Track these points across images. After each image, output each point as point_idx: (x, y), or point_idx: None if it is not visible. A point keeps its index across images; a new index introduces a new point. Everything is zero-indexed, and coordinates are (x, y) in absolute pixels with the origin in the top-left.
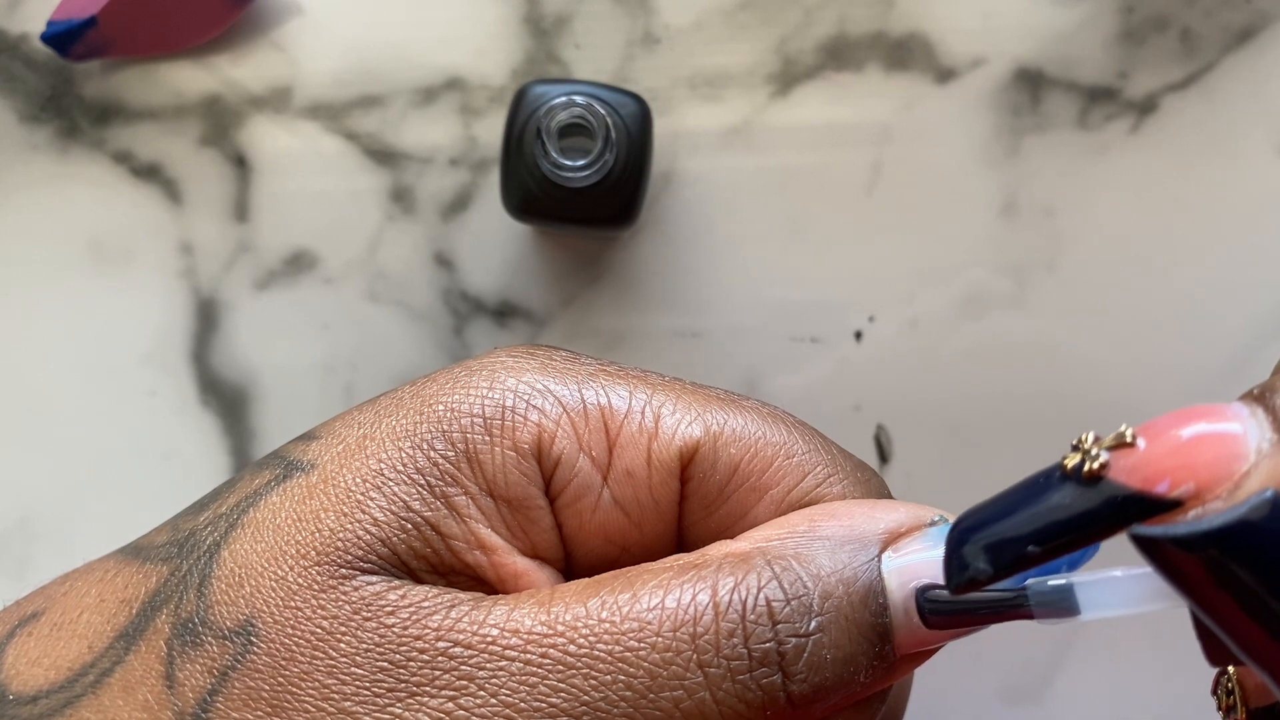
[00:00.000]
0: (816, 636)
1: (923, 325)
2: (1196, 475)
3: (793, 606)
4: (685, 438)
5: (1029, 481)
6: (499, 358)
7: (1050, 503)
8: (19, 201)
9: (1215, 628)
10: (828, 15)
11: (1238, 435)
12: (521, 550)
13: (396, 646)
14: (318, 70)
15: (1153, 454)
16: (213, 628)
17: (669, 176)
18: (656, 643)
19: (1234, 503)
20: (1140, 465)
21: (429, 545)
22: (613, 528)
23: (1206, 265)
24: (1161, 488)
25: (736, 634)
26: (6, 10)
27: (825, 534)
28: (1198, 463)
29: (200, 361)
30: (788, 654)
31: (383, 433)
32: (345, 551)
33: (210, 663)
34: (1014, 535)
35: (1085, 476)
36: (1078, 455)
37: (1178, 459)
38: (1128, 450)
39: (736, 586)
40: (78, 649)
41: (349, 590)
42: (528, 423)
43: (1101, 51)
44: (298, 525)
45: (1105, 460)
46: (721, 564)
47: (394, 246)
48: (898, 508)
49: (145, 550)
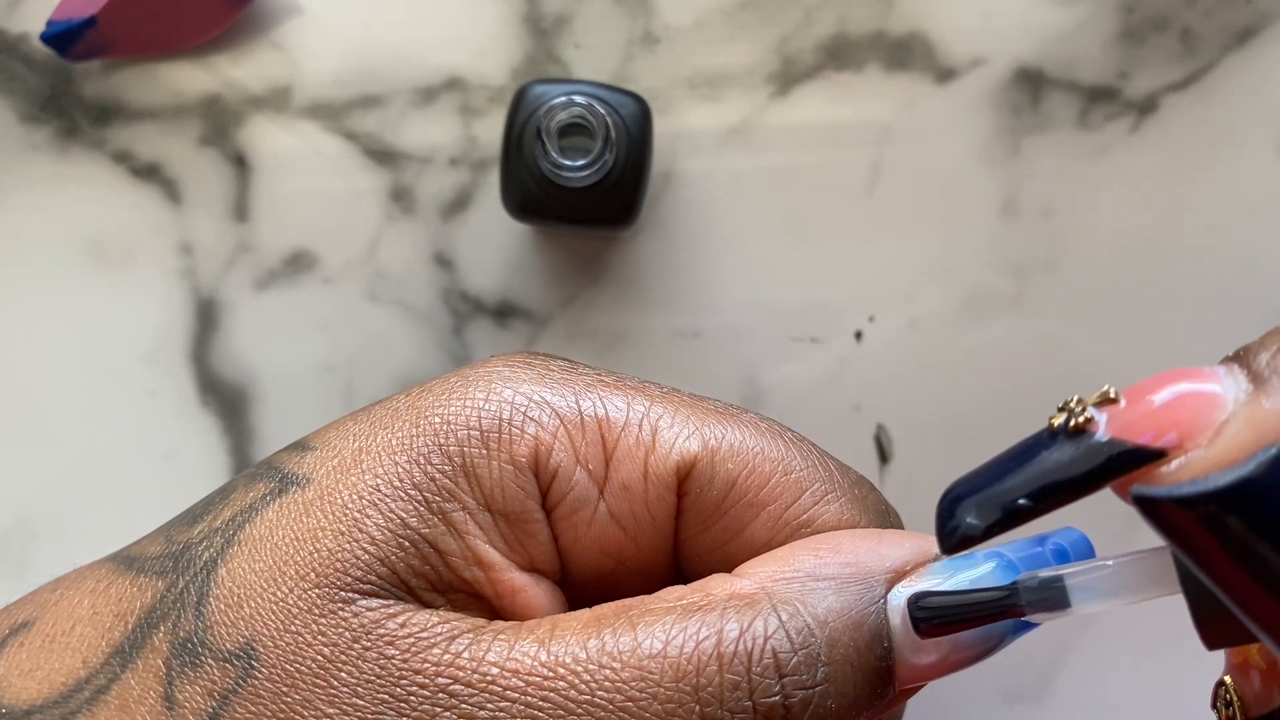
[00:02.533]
0: (823, 687)
1: (923, 325)
2: (1179, 425)
3: (800, 657)
4: (683, 452)
5: (1016, 447)
6: (495, 367)
7: (1036, 457)
8: (19, 201)
9: (1215, 587)
10: (828, 15)
11: (1217, 390)
12: (519, 564)
13: (397, 680)
14: (318, 70)
15: (1137, 407)
16: (212, 649)
17: (669, 176)
18: (658, 693)
19: (1215, 450)
20: (1125, 416)
21: (427, 563)
22: (608, 541)
23: (1206, 265)
24: (1146, 438)
25: (741, 687)
26: (6, 10)
27: (830, 574)
28: (1179, 414)
29: (200, 361)
30: (793, 708)
31: (378, 446)
32: (345, 573)
33: (211, 685)
34: (1001, 491)
35: (1072, 430)
36: (1064, 414)
37: (1161, 411)
38: (1113, 405)
39: (742, 635)
40: (71, 663)
41: (349, 616)
42: (524, 435)
43: (1101, 51)
44: (296, 545)
45: (1091, 415)
46: (726, 608)
47: (394, 246)
48: (902, 542)
49: (138, 561)
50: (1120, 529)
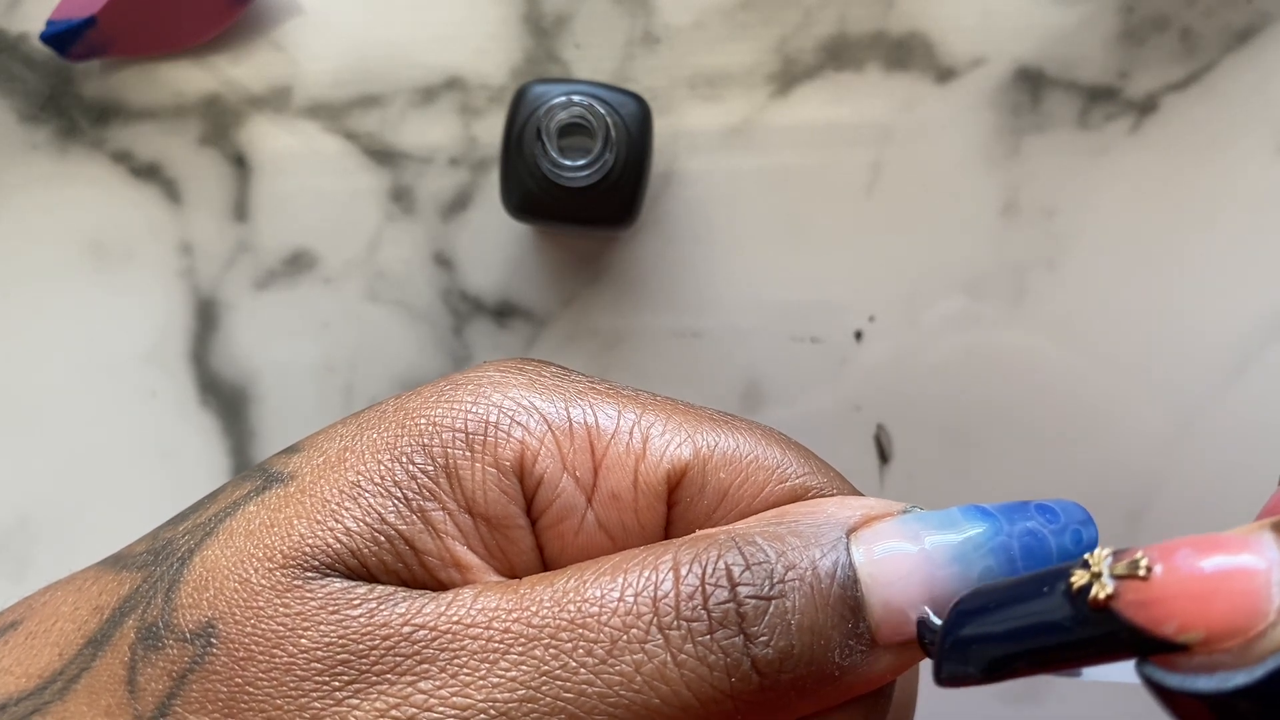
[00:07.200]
0: (778, 600)
1: (922, 325)
2: (1209, 623)
3: (753, 571)
4: (673, 460)
5: (1034, 581)
6: (486, 372)
7: (1049, 620)
8: (19, 201)
9: None
10: (828, 15)
11: (1258, 581)
12: (498, 570)
13: (360, 637)
14: (317, 70)
15: (1165, 592)
16: (175, 630)
17: (669, 176)
18: (617, 607)
19: (1245, 659)
20: (1150, 603)
21: (401, 560)
22: (596, 551)
23: (1206, 265)
24: (1168, 629)
25: (696, 596)
26: (6, 10)
27: (794, 518)
28: (1212, 609)
29: (200, 361)
30: (747, 614)
31: (363, 445)
32: (312, 556)
33: (170, 666)
34: (1007, 646)
35: (1091, 604)
36: (1086, 575)
37: (1191, 601)
38: (1140, 584)
39: (698, 555)
40: (49, 656)
41: (315, 588)
42: (510, 439)
43: (1101, 51)
44: (268, 530)
45: (1113, 591)
46: (686, 540)
47: (394, 246)
48: (869, 499)
49: (124, 559)
50: (1124, 530)
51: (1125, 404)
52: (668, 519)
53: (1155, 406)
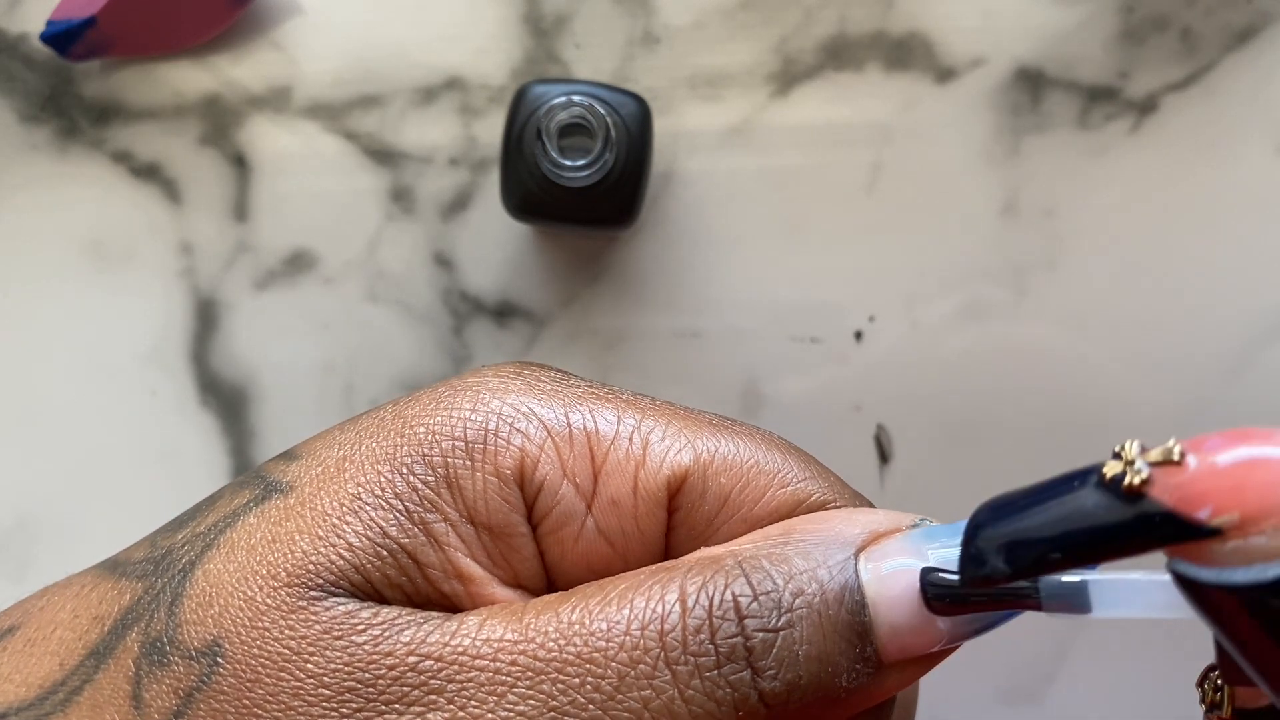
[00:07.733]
0: (786, 632)
1: (923, 325)
2: (1244, 504)
3: (760, 602)
4: (674, 465)
5: (1062, 479)
6: (484, 377)
7: (1082, 509)
8: (19, 201)
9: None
10: (828, 15)
11: None
12: (502, 579)
13: (365, 665)
14: (317, 70)
15: (1199, 474)
16: (180, 648)
17: (669, 176)
18: (624, 641)
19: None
20: (1184, 485)
21: (404, 574)
22: (596, 557)
23: (1206, 265)
24: (1203, 513)
25: (703, 630)
26: (6, 10)
27: (800, 538)
28: (1246, 491)
29: (200, 361)
30: (755, 648)
31: (362, 455)
32: (316, 575)
33: (176, 683)
34: (1037, 537)
35: (1125, 490)
36: (1119, 464)
37: (1226, 483)
38: (1174, 469)
39: (704, 585)
40: (49, 666)
41: (319, 610)
42: (510, 446)
43: (1101, 51)
44: (271, 546)
45: (1148, 476)
46: (691, 567)
47: (394, 246)
48: (877, 512)
49: (123, 566)
50: None
51: (1125, 404)
52: (668, 525)
53: (1155, 407)
